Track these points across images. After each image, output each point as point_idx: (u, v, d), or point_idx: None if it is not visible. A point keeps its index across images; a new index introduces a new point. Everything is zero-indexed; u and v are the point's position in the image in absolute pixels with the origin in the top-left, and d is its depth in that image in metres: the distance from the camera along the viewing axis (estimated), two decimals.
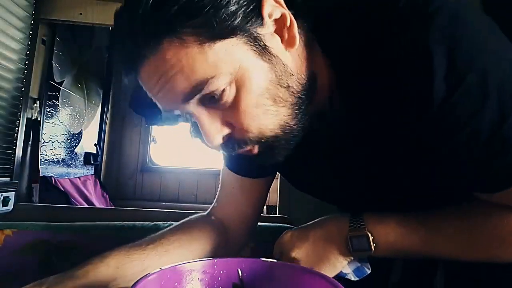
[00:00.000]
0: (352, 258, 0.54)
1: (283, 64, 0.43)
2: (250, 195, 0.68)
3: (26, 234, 0.84)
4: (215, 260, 0.46)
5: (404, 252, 0.51)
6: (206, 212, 0.71)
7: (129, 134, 2.46)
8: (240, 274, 0.46)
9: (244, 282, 0.45)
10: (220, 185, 0.71)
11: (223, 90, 0.41)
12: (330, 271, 0.54)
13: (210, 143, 0.44)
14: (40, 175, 1.50)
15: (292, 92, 0.44)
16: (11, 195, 1.23)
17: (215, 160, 2.47)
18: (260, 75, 0.42)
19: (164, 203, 2.31)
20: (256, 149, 0.46)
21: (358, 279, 0.55)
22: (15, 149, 1.31)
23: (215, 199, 0.72)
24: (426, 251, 0.50)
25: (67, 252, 0.83)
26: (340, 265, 0.54)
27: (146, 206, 2.13)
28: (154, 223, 0.89)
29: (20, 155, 1.34)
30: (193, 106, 0.43)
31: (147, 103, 0.45)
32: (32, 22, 1.34)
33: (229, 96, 0.41)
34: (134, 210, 1.23)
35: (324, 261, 0.54)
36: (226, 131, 0.44)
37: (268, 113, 0.43)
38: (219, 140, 0.44)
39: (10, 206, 1.22)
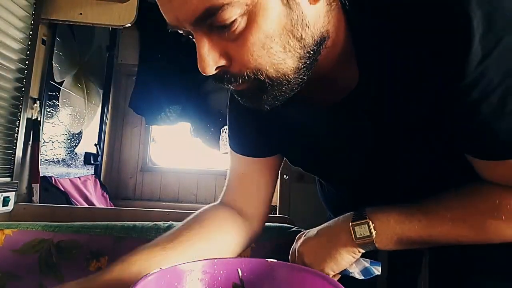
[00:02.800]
0: (357, 252, 0.54)
1: (302, 13, 0.41)
2: (261, 176, 0.68)
3: (26, 234, 0.84)
4: (215, 260, 0.46)
5: (407, 240, 0.51)
6: (217, 202, 0.70)
7: (129, 134, 2.46)
8: (240, 274, 0.46)
9: (244, 282, 0.45)
10: (228, 173, 0.70)
11: (234, 20, 0.39)
12: (333, 266, 0.55)
13: (202, 70, 0.43)
14: (40, 175, 1.50)
15: (304, 45, 0.43)
16: (11, 195, 1.23)
17: (215, 160, 2.47)
18: (275, 17, 0.40)
19: (164, 203, 2.31)
20: (245, 86, 0.45)
21: (364, 278, 0.55)
22: (15, 149, 1.31)
23: (225, 188, 0.71)
24: (427, 236, 0.50)
25: (67, 252, 0.83)
26: (343, 261, 0.55)
27: (146, 206, 2.13)
28: (154, 223, 0.89)
29: (20, 155, 1.33)
30: (199, 30, 0.42)
31: (147, 103, 0.45)
32: (32, 22, 1.33)
33: (237, 28, 0.40)
34: (134, 210, 1.23)
35: (326, 256, 0.55)
36: (222, 62, 0.43)
37: (273, 57, 0.42)
38: (211, 69, 0.43)
39: (10, 206, 1.22)
